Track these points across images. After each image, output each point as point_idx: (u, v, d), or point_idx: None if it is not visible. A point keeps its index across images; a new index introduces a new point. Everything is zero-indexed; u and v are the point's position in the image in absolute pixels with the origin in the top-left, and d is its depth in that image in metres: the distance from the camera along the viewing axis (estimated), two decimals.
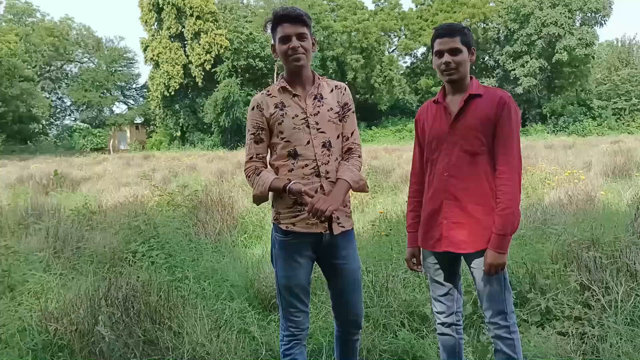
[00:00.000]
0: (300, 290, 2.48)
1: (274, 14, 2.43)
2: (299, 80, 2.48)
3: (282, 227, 2.44)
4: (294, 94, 2.46)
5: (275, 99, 2.46)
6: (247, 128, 2.49)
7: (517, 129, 2.40)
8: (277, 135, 2.44)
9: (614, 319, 3.23)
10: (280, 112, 2.43)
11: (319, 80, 2.54)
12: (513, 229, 2.36)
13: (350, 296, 2.57)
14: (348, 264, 2.53)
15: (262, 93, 2.50)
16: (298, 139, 2.41)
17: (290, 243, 2.45)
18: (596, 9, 42.24)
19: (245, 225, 6.75)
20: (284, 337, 2.52)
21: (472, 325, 3.48)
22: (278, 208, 2.46)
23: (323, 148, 2.45)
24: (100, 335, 3.14)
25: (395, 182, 10.39)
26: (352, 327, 2.63)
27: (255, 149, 2.47)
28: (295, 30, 2.37)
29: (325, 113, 2.48)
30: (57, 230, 5.53)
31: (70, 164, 21.47)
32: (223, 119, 41.26)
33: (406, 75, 50.08)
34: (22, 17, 53.93)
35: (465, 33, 2.45)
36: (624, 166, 10.42)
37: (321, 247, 2.47)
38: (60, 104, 58.40)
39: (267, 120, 2.43)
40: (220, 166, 15.67)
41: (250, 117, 2.47)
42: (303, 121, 2.43)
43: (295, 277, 2.46)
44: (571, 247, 3.96)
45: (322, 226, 2.43)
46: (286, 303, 2.49)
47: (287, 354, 2.51)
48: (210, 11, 43.36)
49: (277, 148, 2.45)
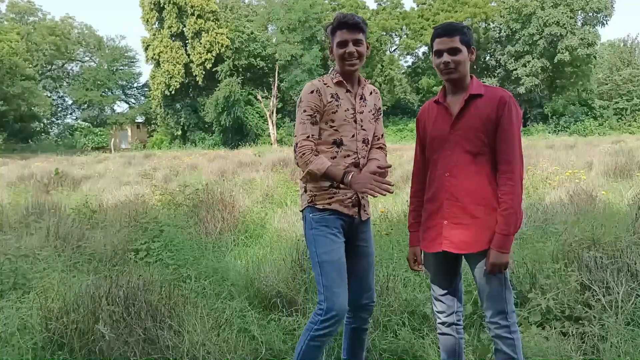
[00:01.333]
0: (342, 266, 2.56)
1: (335, 18, 2.63)
2: (350, 80, 2.68)
3: (319, 207, 2.58)
4: (347, 89, 2.66)
5: (331, 89, 2.62)
6: (304, 108, 2.57)
7: (518, 128, 2.40)
8: (326, 122, 2.60)
9: (615, 319, 3.22)
10: (335, 102, 2.61)
11: (363, 83, 2.77)
12: (516, 229, 2.36)
13: (369, 278, 2.75)
14: (369, 247, 2.76)
15: (320, 80, 2.66)
16: (345, 131, 2.62)
17: (327, 218, 2.58)
18: (598, 8, 42.19)
19: (246, 225, 6.75)
20: (319, 322, 2.48)
21: (472, 324, 3.48)
22: (314, 190, 2.61)
23: (363, 144, 2.69)
24: (100, 333, 3.14)
25: (396, 182, 10.38)
26: (365, 312, 2.77)
27: (312, 129, 2.57)
28: (352, 36, 2.58)
29: (367, 113, 2.73)
30: (57, 228, 5.53)
31: (72, 163, 21.48)
32: (224, 118, 41.29)
33: (407, 75, 50.06)
34: (23, 16, 53.99)
35: (464, 32, 2.45)
36: (625, 166, 10.40)
37: (350, 230, 2.66)
38: (62, 102, 58.43)
39: (324, 106, 2.58)
40: (221, 165, 15.66)
41: (308, 99, 2.57)
42: (352, 116, 2.65)
43: (336, 251, 2.57)
44: (572, 246, 3.96)
45: (354, 210, 2.64)
46: (330, 280, 2.51)
47: (317, 340, 2.49)
48: (211, 10, 43.37)
49: (324, 134, 2.60)
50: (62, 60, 56.81)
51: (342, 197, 2.59)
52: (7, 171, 16.43)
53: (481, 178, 2.41)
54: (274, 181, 10.25)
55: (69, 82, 57.61)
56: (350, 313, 2.74)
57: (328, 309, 2.48)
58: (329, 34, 2.65)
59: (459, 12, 46.33)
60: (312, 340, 2.50)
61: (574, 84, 44.77)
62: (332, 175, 2.50)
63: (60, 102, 58.08)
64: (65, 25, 55.77)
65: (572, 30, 41.78)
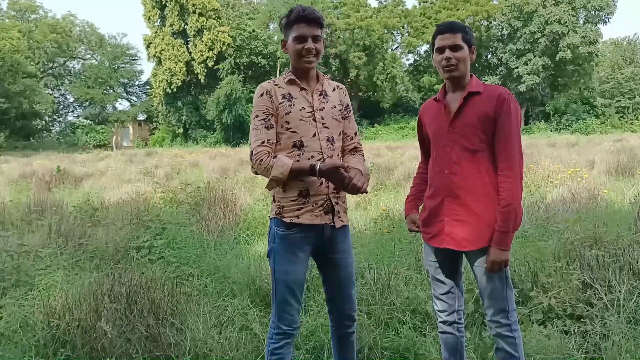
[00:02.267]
0: (297, 286, 2.48)
1: (292, 11, 2.46)
2: (305, 77, 2.54)
3: (286, 221, 2.43)
4: (301, 87, 2.51)
5: (282, 90, 2.48)
6: (256, 114, 2.45)
7: (517, 125, 2.40)
8: (282, 126, 2.45)
9: (616, 318, 3.22)
10: (288, 102, 2.46)
11: (322, 79, 2.60)
12: (515, 226, 2.36)
13: (347, 290, 2.62)
14: (345, 258, 2.59)
15: (269, 82, 2.51)
16: (304, 131, 2.45)
17: (292, 237, 2.45)
18: (600, 6, 42.07)
19: (248, 222, 6.75)
20: (273, 335, 2.49)
21: (474, 323, 3.48)
22: (281, 202, 2.46)
23: (327, 142, 2.50)
24: (103, 331, 3.15)
25: (397, 180, 10.38)
26: (348, 320, 2.66)
27: (267, 134, 2.42)
28: (311, 31, 2.44)
29: (330, 110, 2.55)
30: (59, 226, 5.54)
31: (73, 161, 21.51)
32: (225, 116, 41.28)
33: (409, 73, 49.97)
34: (25, 14, 54.00)
35: (466, 31, 2.46)
36: (627, 165, 10.39)
37: (321, 241, 2.50)
38: (63, 100, 58.49)
39: (276, 108, 2.45)
40: (223, 163, 15.66)
41: (259, 102, 2.45)
42: (310, 114, 2.48)
43: (294, 272, 2.46)
44: (574, 245, 3.96)
45: (327, 218, 2.47)
46: (281, 299, 2.47)
47: (275, 352, 2.48)
48: (213, 8, 43.36)
49: (282, 138, 2.45)
50: (63, 57, 56.85)
51: (312, 206, 2.42)
52: (9, 169, 16.45)
53: (480, 175, 2.42)
54: None
55: (71, 79, 57.64)
56: (334, 322, 2.69)
57: (278, 325, 2.49)
58: (285, 27, 2.48)
59: (461, 10, 46.22)
60: (273, 355, 2.49)
61: (576, 82, 44.67)
62: (298, 170, 2.36)
63: (61, 100, 58.16)
64: (66, 23, 55.76)
65: (574, 28, 41.67)
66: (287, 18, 2.47)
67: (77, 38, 57.30)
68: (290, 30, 2.46)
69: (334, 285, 2.61)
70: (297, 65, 2.50)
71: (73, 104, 58.37)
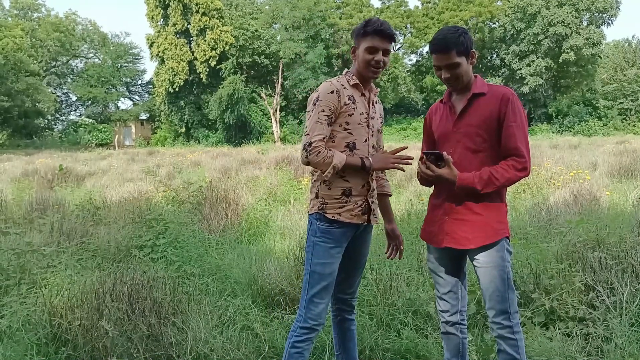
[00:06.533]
0: (331, 280, 2.59)
1: (370, 22, 2.56)
2: (366, 85, 2.66)
3: (329, 216, 2.55)
4: (362, 92, 2.64)
5: (347, 91, 2.57)
6: (322, 108, 2.50)
7: (523, 124, 2.42)
8: (340, 125, 2.55)
9: (619, 320, 3.21)
10: (352, 104, 2.56)
11: (375, 90, 2.74)
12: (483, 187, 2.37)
13: (355, 277, 2.79)
14: (365, 248, 2.78)
15: (337, 80, 2.60)
16: (359, 134, 2.58)
17: (334, 232, 2.56)
18: (603, 8, 41.99)
19: (250, 222, 6.75)
20: (297, 329, 2.56)
21: (476, 324, 3.47)
22: (325, 199, 2.57)
23: (373, 149, 2.66)
24: (104, 330, 3.15)
25: (399, 181, 10.37)
26: (347, 305, 2.81)
27: (327, 131, 2.51)
28: (384, 45, 2.56)
29: (377, 120, 2.73)
30: (61, 225, 5.54)
31: (75, 159, 21.53)
32: (228, 116, 41.32)
33: (411, 74, 49.99)
34: (27, 12, 54.05)
35: (460, 43, 2.41)
36: (629, 167, 10.36)
37: (353, 237, 2.65)
38: (66, 99, 58.57)
39: (340, 107, 2.53)
40: (225, 163, 15.66)
41: (327, 99, 2.50)
42: (366, 120, 2.62)
43: (331, 265, 2.57)
44: (576, 247, 3.95)
45: (363, 218, 2.62)
46: (314, 292, 2.55)
47: (296, 346, 2.55)
48: (216, 8, 43.39)
49: (337, 137, 2.55)
50: (66, 56, 56.89)
51: (353, 205, 2.56)
52: (11, 167, 16.49)
53: None
54: (277, 179, 10.25)
55: (73, 78, 57.69)
56: (334, 306, 2.81)
57: (307, 318, 2.55)
58: (359, 35, 2.58)
59: (464, 11, 46.20)
60: (293, 348, 2.55)
61: (579, 84, 44.61)
62: (352, 164, 2.50)
63: (64, 99, 58.24)
64: (69, 22, 55.81)
65: (577, 30, 41.62)
66: (363, 28, 2.56)
67: (80, 37, 57.34)
68: (364, 39, 2.55)
69: (346, 269, 2.72)
70: (363, 72, 2.59)
71: (76, 103, 58.48)
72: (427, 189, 6.28)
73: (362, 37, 2.57)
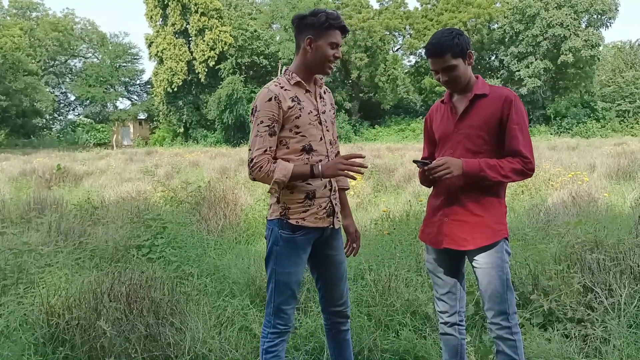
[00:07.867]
0: (297, 287, 2.52)
1: (332, 16, 2.42)
2: (310, 79, 2.53)
3: (292, 222, 2.44)
4: (306, 89, 2.50)
5: (289, 93, 2.43)
6: (260, 119, 2.37)
7: (525, 125, 2.42)
8: (290, 130, 2.42)
9: (617, 322, 3.22)
10: (298, 106, 2.42)
11: (320, 81, 2.60)
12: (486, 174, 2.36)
13: (341, 286, 2.66)
14: (339, 255, 2.64)
15: (276, 85, 2.43)
16: (313, 135, 2.46)
17: (297, 239, 2.45)
18: (602, 10, 42.06)
19: (248, 222, 6.75)
20: (268, 334, 2.51)
21: (474, 325, 3.47)
22: (287, 203, 2.45)
23: (330, 145, 2.54)
24: (102, 330, 3.14)
25: (398, 181, 10.37)
26: (342, 317, 2.70)
27: (269, 142, 2.38)
28: (341, 40, 2.48)
29: (328, 112, 2.59)
30: (59, 224, 5.53)
31: (73, 159, 21.51)
32: (226, 116, 41.30)
33: (410, 74, 49.98)
34: (26, 12, 54.00)
35: (454, 45, 2.38)
36: (627, 168, 10.40)
37: (318, 241, 2.54)
38: (64, 98, 58.51)
39: (284, 113, 2.39)
40: (223, 163, 15.67)
41: (266, 108, 2.37)
42: (316, 117, 2.49)
43: (296, 273, 2.48)
44: (574, 248, 3.95)
45: (328, 220, 2.51)
46: (280, 300, 2.48)
47: (271, 350, 2.50)
48: (215, 8, 43.38)
49: (290, 142, 2.43)
50: (65, 56, 56.84)
51: (317, 208, 2.45)
52: (9, 166, 16.46)
53: None
54: None
55: (72, 78, 57.63)
56: (327, 320, 2.71)
57: (276, 324, 2.50)
58: (321, 28, 2.40)
59: (463, 13, 46.23)
60: (268, 353, 2.50)
61: (577, 86, 44.66)
62: (299, 174, 2.37)
63: (62, 98, 58.18)
64: (68, 21, 55.75)
65: (575, 32, 41.67)
66: (328, 21, 2.40)
67: (79, 36, 57.28)
68: (327, 33, 2.41)
69: (329, 281, 2.64)
70: (317, 68, 2.47)
71: (74, 102, 58.44)
72: (426, 189, 6.28)
73: (325, 30, 2.40)
